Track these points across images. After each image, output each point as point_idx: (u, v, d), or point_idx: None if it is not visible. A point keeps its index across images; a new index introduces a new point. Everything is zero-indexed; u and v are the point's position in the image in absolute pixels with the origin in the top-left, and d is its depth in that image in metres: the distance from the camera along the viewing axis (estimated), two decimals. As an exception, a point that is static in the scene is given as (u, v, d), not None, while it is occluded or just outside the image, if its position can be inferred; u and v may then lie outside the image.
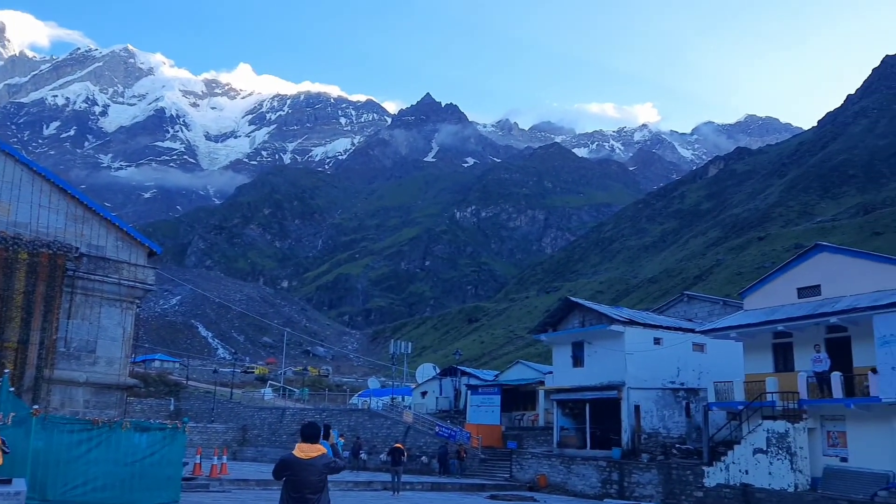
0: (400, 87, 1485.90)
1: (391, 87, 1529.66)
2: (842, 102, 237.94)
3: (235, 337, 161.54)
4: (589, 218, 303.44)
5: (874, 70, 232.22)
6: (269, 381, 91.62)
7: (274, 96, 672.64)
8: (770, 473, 26.08)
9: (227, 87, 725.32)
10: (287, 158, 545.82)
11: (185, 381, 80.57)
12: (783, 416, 26.57)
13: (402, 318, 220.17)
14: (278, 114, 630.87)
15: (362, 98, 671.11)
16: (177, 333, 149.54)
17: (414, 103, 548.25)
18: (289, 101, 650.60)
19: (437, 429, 45.50)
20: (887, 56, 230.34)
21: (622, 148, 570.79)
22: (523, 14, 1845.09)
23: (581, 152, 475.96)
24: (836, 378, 25.37)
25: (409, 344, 74.46)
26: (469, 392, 48.70)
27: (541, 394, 45.32)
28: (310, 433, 8.15)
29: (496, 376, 57.20)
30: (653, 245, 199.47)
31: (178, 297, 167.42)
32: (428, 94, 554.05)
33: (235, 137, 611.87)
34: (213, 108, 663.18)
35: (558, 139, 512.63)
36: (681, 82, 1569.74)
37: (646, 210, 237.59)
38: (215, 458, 31.91)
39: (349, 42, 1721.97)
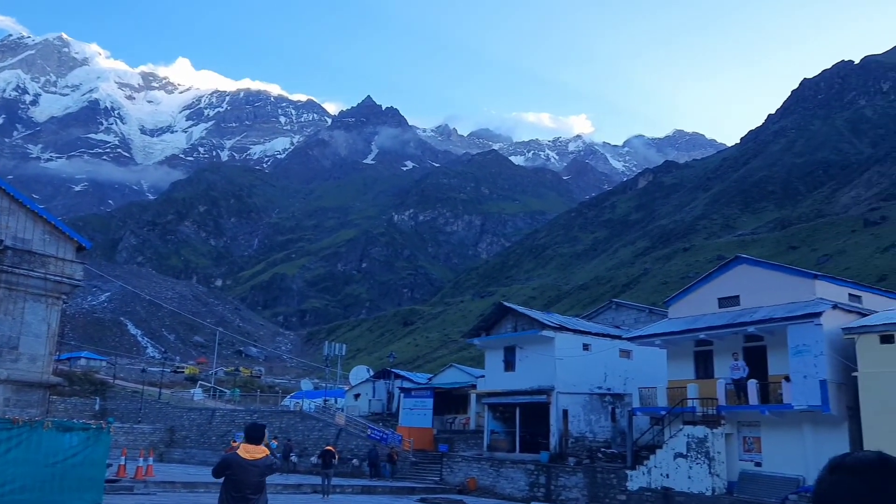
0: (341, 88, 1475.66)
1: (332, 88, 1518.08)
2: (763, 121, 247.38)
3: (166, 336, 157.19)
4: (524, 225, 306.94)
5: (793, 92, 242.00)
6: (200, 382, 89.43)
7: (213, 92, 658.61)
8: (689, 477, 26.77)
9: (164, 81, 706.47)
10: (224, 155, 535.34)
11: (111, 380, 77.95)
12: (703, 422, 27.31)
13: (337, 319, 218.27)
14: (217, 110, 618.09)
15: (303, 98, 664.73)
16: (105, 331, 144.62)
17: (355, 105, 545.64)
18: (228, 98, 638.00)
19: (369, 431, 45.22)
20: (805, 79, 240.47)
21: (557, 157, 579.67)
22: (465, 22, 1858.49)
23: (518, 160, 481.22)
24: (752, 385, 26.21)
25: (344, 346, 73.80)
26: (402, 395, 48.54)
27: (473, 397, 45.52)
28: (255, 434, 8.23)
29: (429, 379, 57.19)
30: (584, 253, 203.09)
31: (108, 294, 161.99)
32: (369, 96, 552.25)
33: (172, 132, 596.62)
34: (149, 102, 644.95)
35: (496, 146, 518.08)
36: (614, 96, 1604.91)
37: (578, 219, 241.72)
38: (141, 459, 30.96)
39: (291, 41, 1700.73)
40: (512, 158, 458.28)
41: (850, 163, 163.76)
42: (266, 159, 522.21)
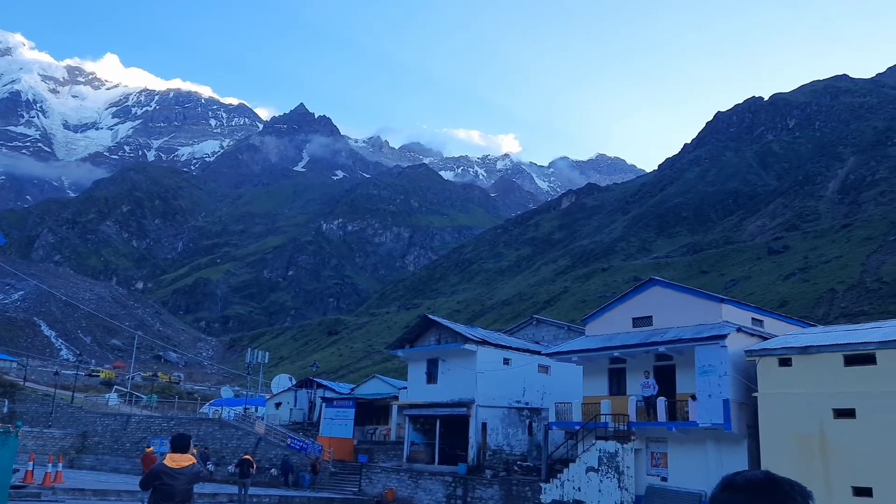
0: (274, 94, 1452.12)
1: (265, 94, 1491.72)
2: (679, 150, 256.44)
3: (82, 338, 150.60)
4: (451, 239, 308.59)
5: (708, 123, 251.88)
6: (116, 386, 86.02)
7: (141, 90, 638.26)
8: (600, 491, 27.36)
9: (91, 77, 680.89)
10: (151, 155, 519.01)
11: (21, 382, 74.07)
12: (614, 437, 27.98)
13: (261, 326, 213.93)
14: (145, 109, 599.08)
15: (234, 101, 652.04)
16: (16, 331, 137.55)
17: (287, 112, 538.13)
18: (157, 97, 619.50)
19: (289, 441, 44.43)
20: (719, 112, 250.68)
21: (485, 174, 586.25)
22: (402, 37, 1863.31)
23: (447, 175, 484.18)
24: (661, 403, 27.04)
25: (267, 353, 72.54)
26: (324, 405, 47.99)
27: (394, 408, 45.39)
28: (180, 443, 8.41)
29: (352, 390, 56.73)
30: (508, 269, 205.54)
31: (21, 293, 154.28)
32: (302, 104, 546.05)
33: (97, 129, 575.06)
34: (74, 97, 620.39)
35: (426, 160, 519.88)
36: (542, 118, 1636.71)
37: (504, 235, 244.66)
38: (50, 465, 29.60)
39: (225, 43, 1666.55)
40: (442, 173, 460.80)
41: (758, 193, 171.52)
42: (194, 161, 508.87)
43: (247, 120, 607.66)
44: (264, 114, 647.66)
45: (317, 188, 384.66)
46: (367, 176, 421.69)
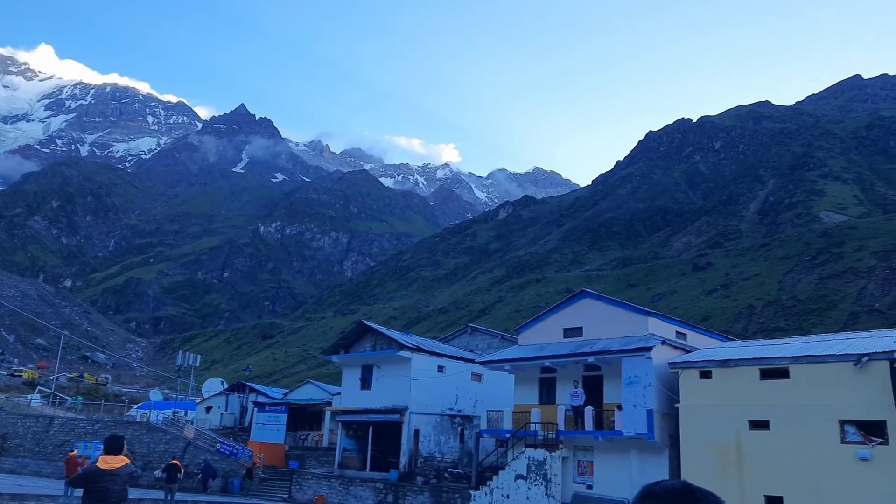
0: (214, 93, 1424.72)
1: (205, 93, 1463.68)
2: (612, 167, 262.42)
3: (4, 336, 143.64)
4: (389, 245, 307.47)
5: (639, 142, 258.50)
6: (39, 387, 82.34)
7: (76, 83, 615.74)
8: (528, 498, 27.60)
9: (23, 67, 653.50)
10: (84, 150, 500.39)
11: (-64, 382, 70.22)
12: (543, 445, 28.30)
13: (193, 328, 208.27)
14: (79, 102, 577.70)
15: (173, 99, 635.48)
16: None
17: (227, 112, 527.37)
18: (93, 91, 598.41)
19: (218, 446, 43.37)
20: (650, 132, 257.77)
21: (425, 183, 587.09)
22: (347, 43, 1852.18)
23: (387, 182, 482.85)
24: (588, 412, 27.50)
25: (199, 356, 70.66)
26: (256, 409, 47.07)
27: (327, 414, 44.82)
28: (114, 445, 8.39)
29: (285, 395, 55.76)
30: (445, 277, 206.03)
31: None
32: (243, 104, 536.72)
33: (28, 121, 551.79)
34: (5, 87, 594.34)
35: (367, 167, 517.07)
36: (482, 130, 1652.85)
37: (442, 244, 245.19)
38: (-35, 470, 28.09)
39: (166, 40, 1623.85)
40: (382, 180, 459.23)
41: (685, 211, 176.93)
42: (129, 158, 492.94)
43: (186, 118, 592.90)
44: (204, 113, 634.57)
45: (255, 190, 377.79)
46: (307, 180, 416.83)
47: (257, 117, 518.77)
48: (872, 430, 20.93)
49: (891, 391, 20.61)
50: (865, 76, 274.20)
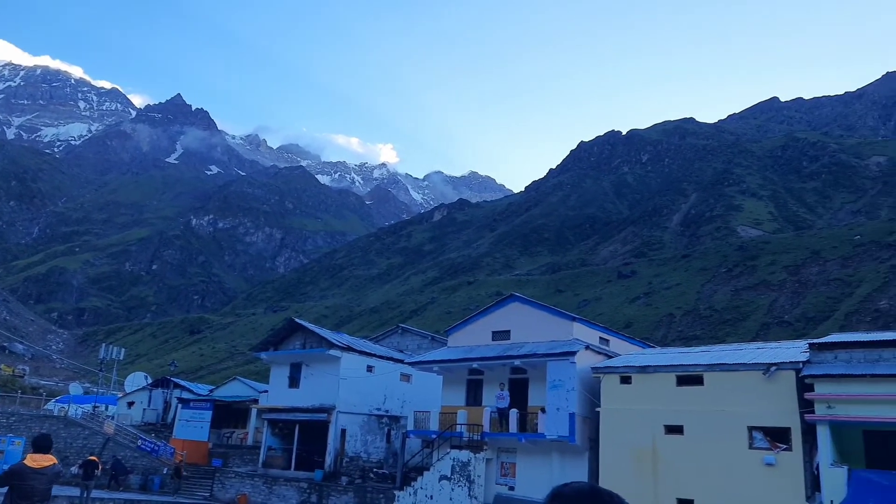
0: (150, 81, 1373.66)
1: (140, 80, 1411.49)
2: (545, 174, 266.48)
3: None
4: (323, 243, 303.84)
5: (571, 152, 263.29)
6: (-51, 378, 77.85)
7: (5, 64, 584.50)
8: (451, 499, 27.61)
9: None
10: (11, 133, 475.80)
11: None
12: (468, 447, 28.36)
13: (118, 321, 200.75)
14: (7, 84, 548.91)
15: (107, 85, 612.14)
16: None
17: (163, 101, 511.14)
18: (22, 73, 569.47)
19: (139, 442, 41.88)
20: (582, 142, 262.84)
21: (362, 182, 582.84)
22: (286, 37, 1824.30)
23: (324, 179, 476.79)
24: (513, 415, 27.70)
25: (123, 350, 67.94)
26: (180, 405, 45.66)
27: (253, 412, 43.87)
28: (42, 444, 8.38)
29: (211, 391, 54.36)
30: (378, 277, 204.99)
31: None
32: (179, 94, 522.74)
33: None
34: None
35: (304, 163, 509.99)
36: (420, 132, 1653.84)
37: (376, 243, 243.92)
38: None
39: (101, 24, 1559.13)
40: (318, 177, 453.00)
41: (612, 220, 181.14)
42: (58, 143, 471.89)
43: (119, 105, 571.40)
44: (138, 101, 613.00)
45: (189, 182, 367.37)
46: (243, 173, 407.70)
47: (193, 108, 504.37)
48: (778, 436, 21.77)
49: (796, 399, 21.48)
50: (782, 99, 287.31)
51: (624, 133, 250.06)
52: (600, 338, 30.72)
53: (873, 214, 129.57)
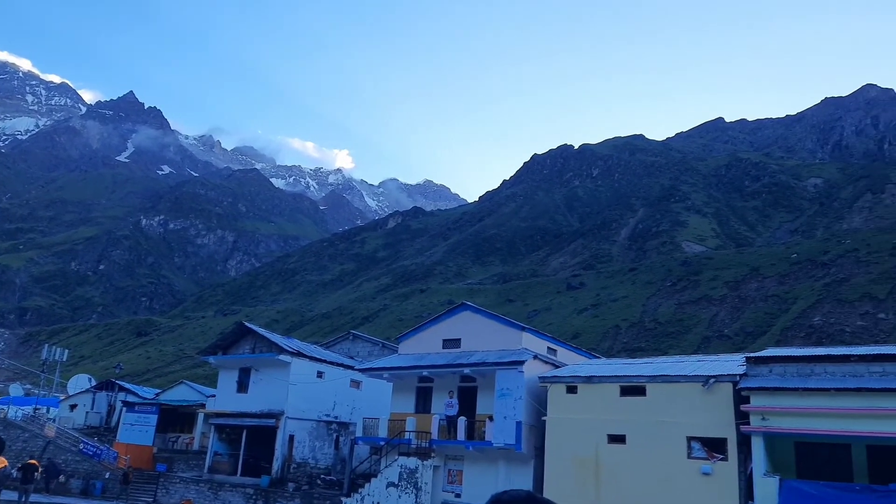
0: (102, 77, 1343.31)
1: (92, 76, 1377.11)
2: (498, 185, 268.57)
3: None
4: (276, 247, 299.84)
5: (525, 164, 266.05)
6: None
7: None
8: (398, 505, 27.56)
9: None
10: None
11: None
12: (416, 454, 28.37)
13: (63, 321, 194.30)
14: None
15: (57, 79, 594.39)
16: None
17: (115, 98, 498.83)
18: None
19: (81, 446, 40.66)
20: (535, 154, 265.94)
21: (316, 187, 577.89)
22: (244, 38, 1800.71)
23: (278, 183, 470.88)
24: (461, 422, 27.83)
25: (66, 351, 65.89)
26: (124, 409, 44.50)
27: (200, 416, 42.98)
28: None
29: (157, 395, 53.07)
30: (331, 282, 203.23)
31: None
32: (132, 91, 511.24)
33: None
34: None
35: (258, 166, 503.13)
36: (377, 139, 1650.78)
37: (329, 249, 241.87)
38: None
39: (52, 16, 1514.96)
40: (273, 180, 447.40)
41: (562, 233, 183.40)
42: (4, 138, 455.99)
43: (69, 101, 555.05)
44: (89, 97, 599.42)
45: (140, 181, 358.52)
46: (195, 174, 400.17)
47: (146, 106, 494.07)
48: (715, 446, 22.39)
49: (733, 411, 22.13)
50: (727, 119, 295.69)
51: (576, 147, 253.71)
52: (548, 348, 31.07)
53: (809, 234, 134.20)
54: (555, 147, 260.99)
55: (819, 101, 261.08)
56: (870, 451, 20.77)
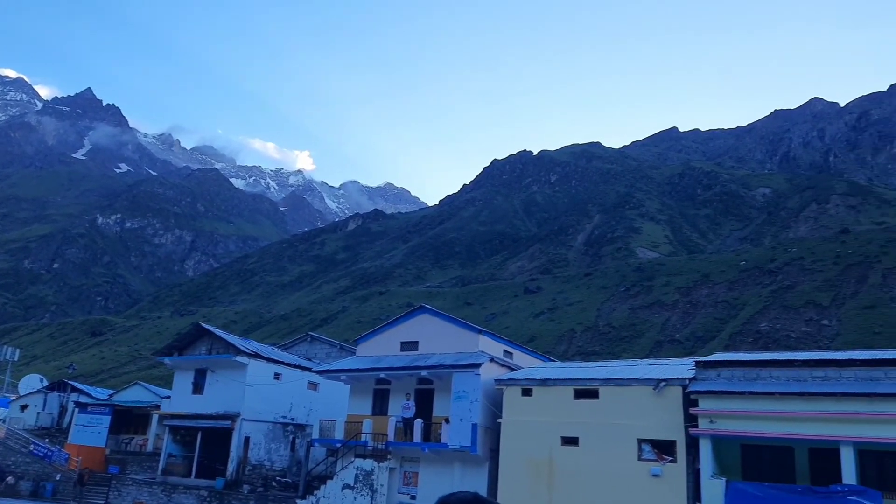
0: (58, 72, 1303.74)
1: (48, 71, 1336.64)
2: (459, 189, 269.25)
3: None
4: (235, 248, 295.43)
5: (484, 169, 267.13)
6: None
7: None
8: (353, 508, 27.33)
9: None
10: None
11: None
12: (373, 456, 28.21)
13: (14, 320, 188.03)
14: None
15: (11, 74, 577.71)
16: None
17: (72, 94, 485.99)
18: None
19: (31, 447, 39.38)
20: (495, 160, 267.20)
21: (277, 188, 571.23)
22: (205, 37, 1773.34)
23: (238, 183, 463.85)
24: (418, 424, 27.76)
25: (18, 350, 63.98)
26: (77, 410, 43.29)
27: (155, 418, 42.06)
28: None
29: (111, 396, 51.73)
30: (290, 284, 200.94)
31: None
32: (89, 88, 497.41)
33: None
34: None
35: (218, 166, 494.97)
36: (337, 141, 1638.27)
37: (289, 250, 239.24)
38: None
39: (6, 8, 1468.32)
40: (233, 180, 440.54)
41: (521, 237, 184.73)
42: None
43: (24, 96, 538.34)
44: (45, 92, 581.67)
45: (96, 179, 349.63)
46: (154, 173, 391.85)
47: (104, 103, 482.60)
48: (665, 448, 22.76)
49: (682, 414, 22.53)
50: (681, 129, 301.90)
51: (535, 153, 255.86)
52: (505, 351, 31.19)
53: (758, 242, 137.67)
54: (514, 153, 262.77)
55: (769, 113, 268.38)
56: (811, 454, 21.35)
